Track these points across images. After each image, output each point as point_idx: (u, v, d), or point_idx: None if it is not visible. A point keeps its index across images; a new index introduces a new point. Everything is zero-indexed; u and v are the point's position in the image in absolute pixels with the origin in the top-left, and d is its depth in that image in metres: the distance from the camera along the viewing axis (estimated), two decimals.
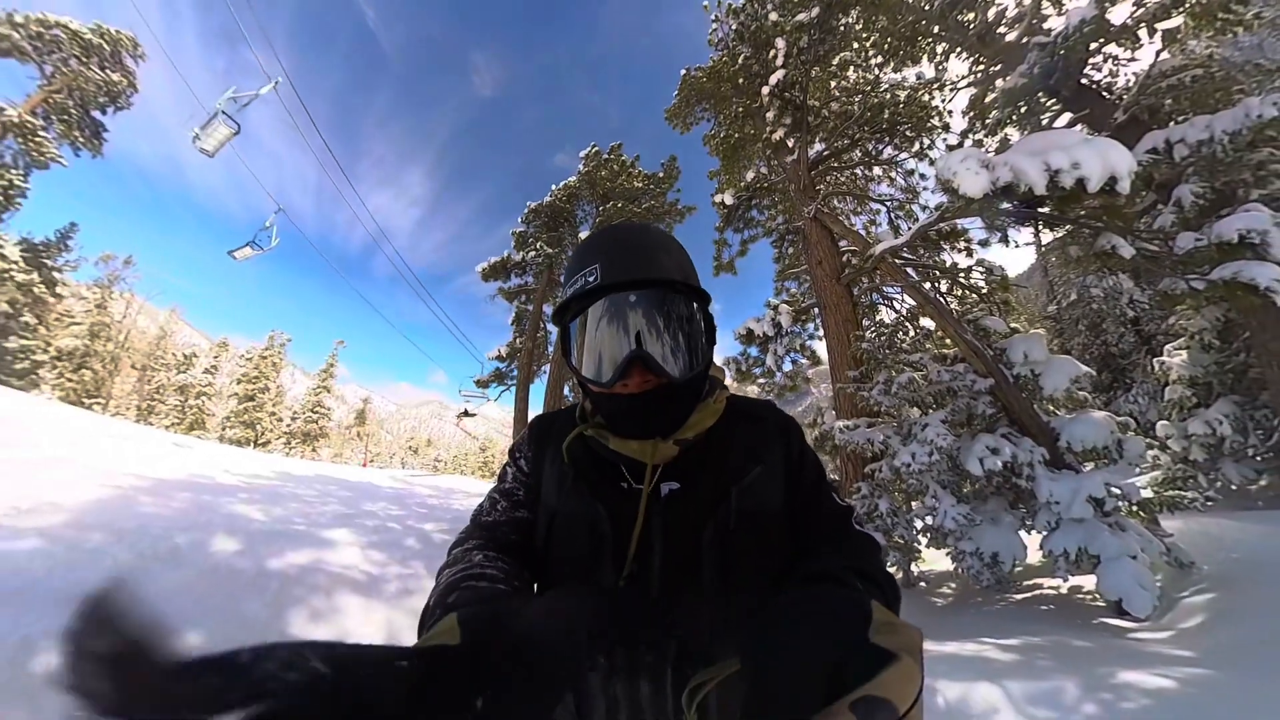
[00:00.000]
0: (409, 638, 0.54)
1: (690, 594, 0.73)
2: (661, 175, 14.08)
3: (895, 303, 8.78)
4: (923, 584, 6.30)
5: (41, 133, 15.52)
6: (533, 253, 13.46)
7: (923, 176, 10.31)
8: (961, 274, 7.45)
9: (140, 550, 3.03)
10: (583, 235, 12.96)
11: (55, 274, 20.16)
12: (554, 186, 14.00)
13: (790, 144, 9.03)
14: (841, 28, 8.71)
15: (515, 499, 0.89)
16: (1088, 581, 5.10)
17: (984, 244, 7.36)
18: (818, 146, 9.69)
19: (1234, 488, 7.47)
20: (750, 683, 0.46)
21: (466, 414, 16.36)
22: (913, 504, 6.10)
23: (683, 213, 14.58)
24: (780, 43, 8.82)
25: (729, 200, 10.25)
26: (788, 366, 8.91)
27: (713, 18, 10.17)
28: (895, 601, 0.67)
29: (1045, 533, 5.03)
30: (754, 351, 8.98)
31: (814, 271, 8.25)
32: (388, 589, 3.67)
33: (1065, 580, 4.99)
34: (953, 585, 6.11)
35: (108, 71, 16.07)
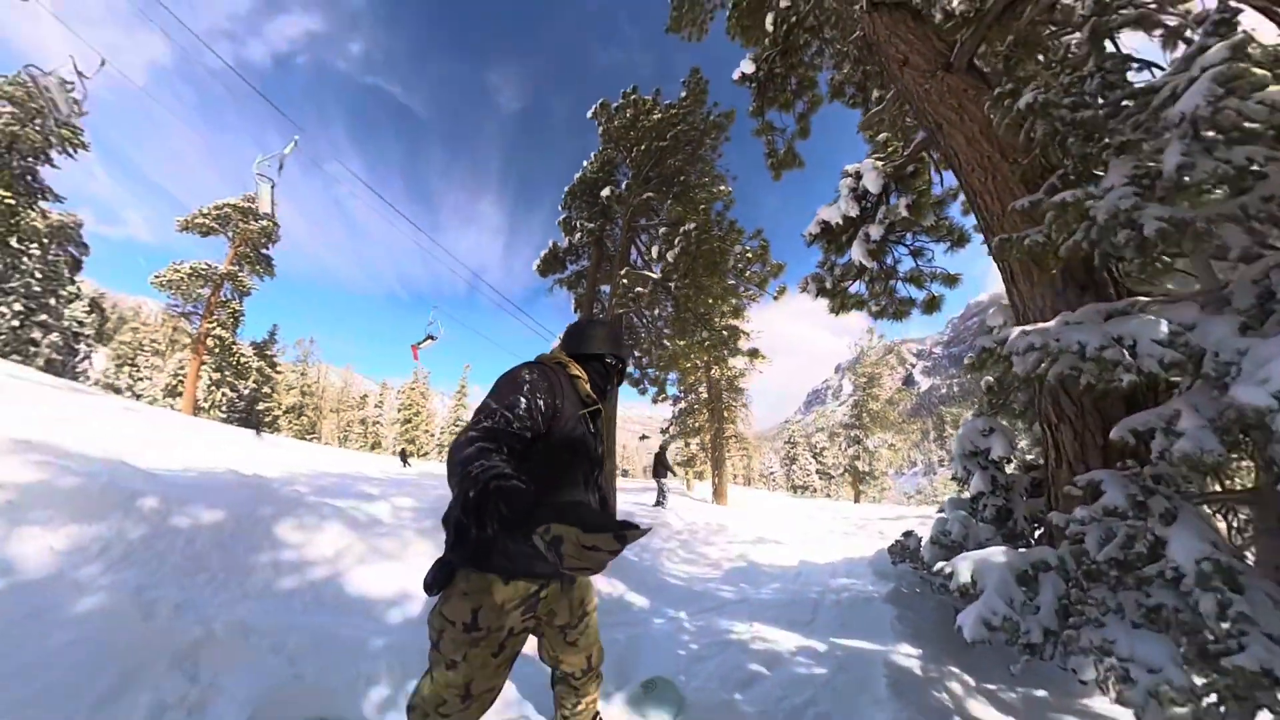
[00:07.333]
0: None
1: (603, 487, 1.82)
2: (685, 95, 12.16)
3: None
4: None
5: (240, 274, 25.31)
6: (579, 234, 12.68)
7: None
8: None
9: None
10: (623, 187, 12.34)
11: (274, 359, 31.75)
12: (584, 163, 13.04)
13: None
14: None
15: (525, 423, 1.36)
16: None
17: None
18: None
19: None
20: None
21: (431, 338, 14.91)
22: None
23: (722, 124, 12.14)
24: None
25: (748, 69, 7.25)
26: (907, 266, 5.45)
27: None
28: None
29: None
30: (840, 260, 5.74)
31: (900, 79, 4.62)
32: None
33: None
34: None
35: (259, 221, 24.59)
